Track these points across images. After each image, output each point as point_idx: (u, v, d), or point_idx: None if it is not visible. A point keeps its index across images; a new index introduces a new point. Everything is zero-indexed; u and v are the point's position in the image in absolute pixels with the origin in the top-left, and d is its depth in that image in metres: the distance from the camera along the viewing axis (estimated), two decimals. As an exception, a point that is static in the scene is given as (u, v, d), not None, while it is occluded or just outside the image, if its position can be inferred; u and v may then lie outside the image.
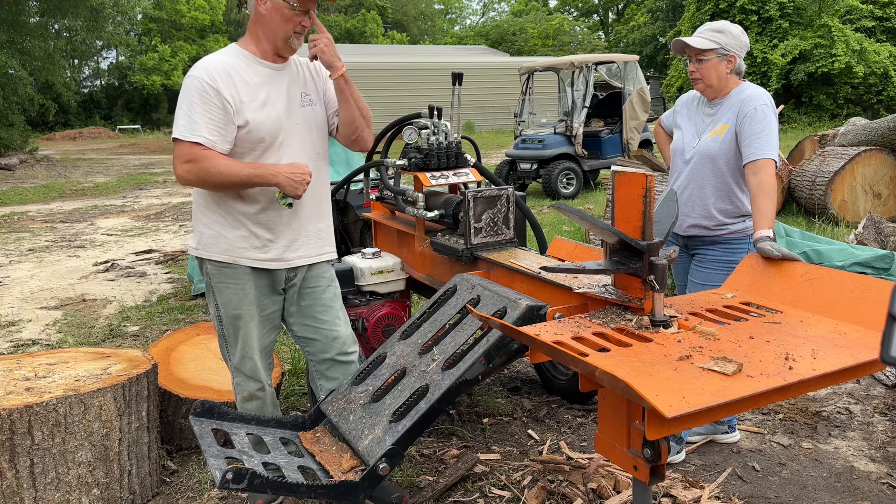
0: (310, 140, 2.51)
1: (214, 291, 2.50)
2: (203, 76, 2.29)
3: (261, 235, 2.45)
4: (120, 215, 10.75)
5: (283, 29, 2.34)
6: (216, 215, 2.45)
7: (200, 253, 2.49)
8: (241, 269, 2.46)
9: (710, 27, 2.75)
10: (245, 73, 2.36)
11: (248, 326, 2.50)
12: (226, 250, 2.44)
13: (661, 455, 1.64)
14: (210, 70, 2.31)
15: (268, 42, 2.39)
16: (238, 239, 2.43)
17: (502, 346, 2.19)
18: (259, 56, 2.41)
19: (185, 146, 2.28)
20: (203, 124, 2.27)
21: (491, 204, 2.82)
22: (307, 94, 2.51)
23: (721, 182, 2.76)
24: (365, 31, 41.67)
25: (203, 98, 2.28)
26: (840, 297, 1.82)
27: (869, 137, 7.74)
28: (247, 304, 2.48)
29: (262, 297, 2.51)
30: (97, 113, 37.76)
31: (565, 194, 10.85)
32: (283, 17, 2.33)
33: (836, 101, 21.97)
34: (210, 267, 2.48)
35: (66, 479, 2.52)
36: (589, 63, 11.20)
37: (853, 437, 3.17)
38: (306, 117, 2.50)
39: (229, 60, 2.36)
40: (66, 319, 5.38)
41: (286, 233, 2.49)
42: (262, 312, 2.53)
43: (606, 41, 44.67)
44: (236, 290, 2.47)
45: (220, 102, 2.29)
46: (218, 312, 2.52)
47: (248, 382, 2.57)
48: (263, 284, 2.51)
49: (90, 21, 22.15)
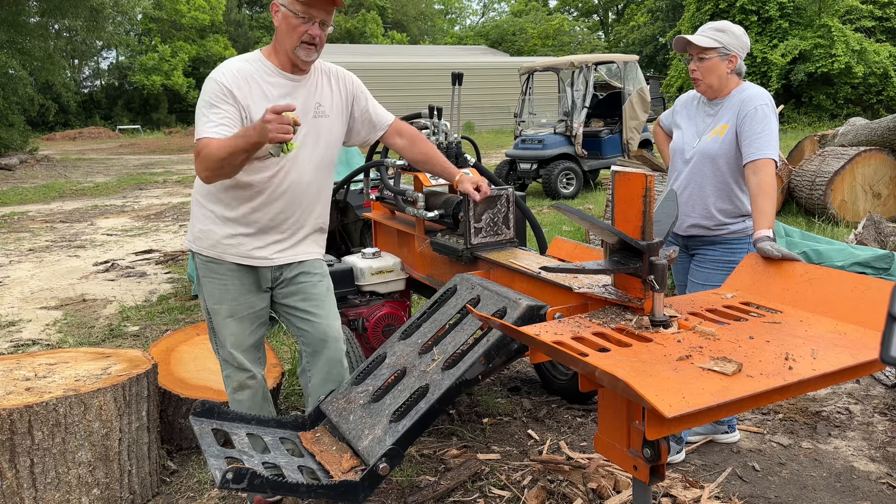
0: (316, 151, 2.53)
1: (202, 284, 2.56)
2: (221, 79, 2.34)
3: (248, 234, 2.48)
4: (120, 215, 10.75)
5: (289, 39, 2.37)
6: (207, 211, 2.49)
7: (192, 246, 2.55)
8: (225, 265, 2.50)
9: (712, 26, 2.75)
10: (264, 85, 2.40)
11: (228, 322, 2.54)
12: (212, 245, 2.49)
13: (661, 455, 1.64)
14: (228, 75, 2.35)
15: (282, 53, 2.42)
16: (225, 236, 2.47)
17: (502, 346, 2.19)
18: (279, 67, 2.43)
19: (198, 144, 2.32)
20: (214, 119, 2.31)
21: (491, 204, 2.82)
22: (321, 105, 2.52)
23: (721, 182, 2.76)
24: (365, 31, 41.68)
25: (218, 98, 2.32)
26: (840, 297, 1.82)
27: (869, 137, 7.74)
28: (229, 299, 2.52)
29: (246, 294, 2.54)
30: (97, 113, 37.76)
31: (565, 194, 10.85)
32: (290, 27, 2.35)
33: (836, 101, 21.96)
34: (198, 261, 2.55)
35: (66, 479, 2.52)
36: (589, 63, 11.21)
37: (853, 437, 3.17)
38: (317, 128, 2.51)
39: (250, 69, 2.40)
40: (66, 319, 5.38)
41: (274, 233, 2.51)
42: (248, 310, 2.56)
43: (606, 41, 44.66)
44: (219, 285, 2.52)
45: (233, 103, 2.33)
46: (206, 305, 2.57)
47: (238, 373, 2.60)
48: (248, 282, 2.54)
49: (90, 21, 22.15)
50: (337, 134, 2.60)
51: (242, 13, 42.93)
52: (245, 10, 43.93)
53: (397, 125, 2.74)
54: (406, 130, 2.75)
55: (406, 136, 2.74)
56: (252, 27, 42.67)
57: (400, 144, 2.74)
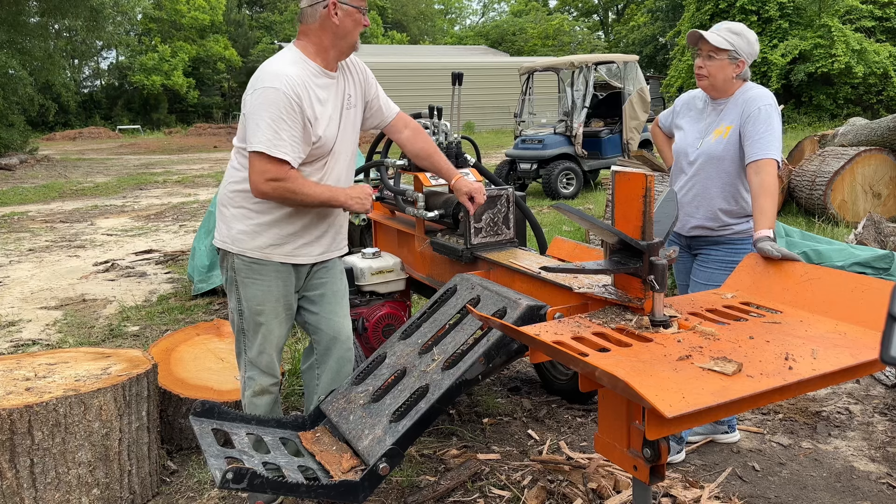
0: (351, 141, 2.57)
1: (239, 286, 2.50)
2: (289, 91, 2.27)
3: (293, 232, 2.47)
4: (120, 215, 10.75)
5: (354, 34, 2.40)
6: (249, 212, 2.44)
7: (229, 247, 2.48)
8: (270, 265, 2.47)
9: (728, 27, 2.74)
10: (317, 90, 2.38)
11: (271, 323, 2.52)
12: (258, 247, 2.44)
13: (661, 455, 1.64)
14: (294, 85, 2.29)
15: (336, 50, 2.41)
16: (272, 236, 2.45)
17: (502, 346, 2.19)
18: (324, 66, 2.42)
19: (269, 162, 2.26)
20: (288, 141, 2.28)
21: (491, 204, 2.82)
22: (350, 95, 2.54)
23: (727, 183, 2.76)
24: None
25: (289, 114, 2.27)
26: (840, 297, 1.82)
27: (869, 137, 7.74)
28: (272, 301, 2.50)
29: (288, 294, 2.54)
30: (97, 113, 37.75)
31: (565, 194, 10.85)
32: (355, 22, 2.39)
33: (836, 101, 21.96)
34: (238, 262, 2.48)
35: (66, 479, 2.52)
36: (589, 63, 11.21)
37: (853, 437, 3.17)
38: (350, 120, 2.54)
39: (302, 74, 2.35)
40: (66, 319, 5.38)
41: (316, 230, 2.52)
42: (288, 310, 2.56)
43: (606, 41, 44.66)
44: (262, 286, 2.48)
45: (302, 120, 2.31)
46: (240, 307, 2.52)
47: (263, 377, 2.57)
48: (290, 282, 2.53)
49: (90, 21, 22.13)
50: (359, 120, 2.62)
51: (242, 13, 42.91)
52: (245, 10, 43.94)
53: (403, 116, 2.75)
54: (411, 122, 2.76)
55: (411, 127, 2.75)
56: (252, 27, 42.66)
57: (405, 136, 2.74)
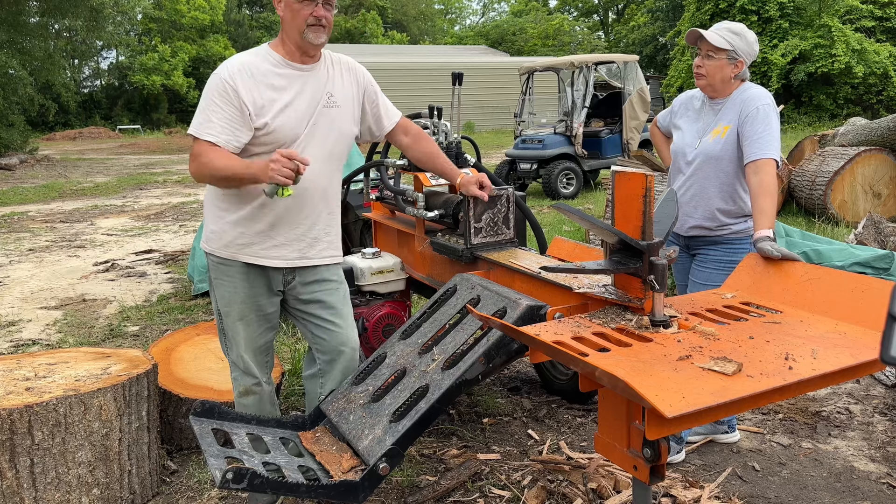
0: (328, 141, 2.49)
1: (214, 286, 2.54)
2: (225, 76, 2.31)
3: (259, 231, 2.44)
4: (120, 215, 10.75)
5: (295, 24, 2.35)
6: (218, 210, 2.47)
7: (204, 246, 2.52)
8: (235, 265, 2.47)
9: (728, 27, 2.74)
10: (271, 76, 2.37)
11: (237, 324, 2.51)
12: (224, 246, 2.46)
13: (661, 455, 1.64)
14: (233, 70, 2.32)
15: (290, 41, 2.40)
16: (237, 235, 2.44)
17: (502, 346, 2.19)
18: (286, 58, 2.41)
19: (199, 145, 2.31)
20: (218, 123, 2.29)
21: (491, 204, 2.82)
22: (332, 95, 2.49)
23: (725, 183, 2.76)
24: (365, 31, 41.68)
25: (222, 97, 2.30)
26: (840, 297, 1.82)
27: (869, 137, 7.74)
28: (238, 301, 2.49)
29: (257, 296, 2.51)
30: (97, 113, 37.74)
31: (565, 194, 10.85)
32: (293, 12, 2.35)
33: (836, 101, 21.95)
34: (211, 261, 2.52)
35: (66, 479, 2.52)
36: (589, 63, 11.21)
37: (853, 437, 3.17)
38: (329, 118, 2.48)
39: (255, 61, 2.37)
40: (66, 319, 5.38)
41: (286, 231, 2.46)
42: (257, 312, 2.52)
43: (606, 41, 44.65)
44: (229, 287, 2.49)
45: (237, 103, 2.30)
46: (217, 307, 2.55)
47: (244, 378, 2.58)
48: (259, 284, 2.50)
49: (90, 21, 22.14)
50: (348, 127, 2.56)
51: (242, 13, 42.89)
52: (245, 10, 43.91)
53: (404, 122, 2.73)
54: (411, 128, 2.75)
55: (411, 134, 2.74)
56: (252, 27, 42.64)
57: (405, 142, 2.73)
